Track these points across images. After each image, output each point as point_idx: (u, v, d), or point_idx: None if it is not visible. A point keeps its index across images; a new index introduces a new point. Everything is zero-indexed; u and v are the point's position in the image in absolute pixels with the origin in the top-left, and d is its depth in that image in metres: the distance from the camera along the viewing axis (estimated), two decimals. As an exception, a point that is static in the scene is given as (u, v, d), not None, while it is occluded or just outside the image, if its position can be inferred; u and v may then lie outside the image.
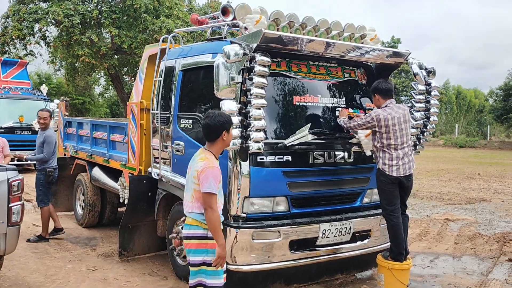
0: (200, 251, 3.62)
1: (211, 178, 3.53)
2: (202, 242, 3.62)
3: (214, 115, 3.65)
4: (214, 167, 3.58)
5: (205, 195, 3.55)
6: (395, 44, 41.84)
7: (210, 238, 3.59)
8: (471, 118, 46.69)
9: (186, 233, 3.73)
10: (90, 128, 7.86)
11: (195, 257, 3.65)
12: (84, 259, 6.35)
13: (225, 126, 3.65)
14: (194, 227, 3.67)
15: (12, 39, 19.05)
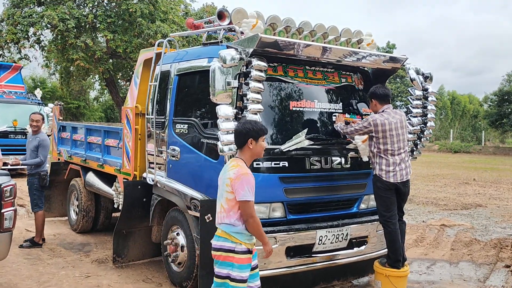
0: (226, 263, 3.54)
1: (246, 185, 3.47)
2: (229, 255, 3.53)
3: (245, 121, 3.68)
4: (248, 174, 3.53)
5: (242, 203, 3.48)
6: (390, 49, 42.06)
7: (238, 252, 3.52)
8: (465, 123, 46.94)
9: (214, 244, 3.63)
10: (85, 132, 7.79)
11: (220, 269, 3.57)
12: (78, 265, 6.27)
13: (251, 134, 3.57)
14: (222, 239, 3.58)
15: (6, 43, 18.96)
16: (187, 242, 5.17)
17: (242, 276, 3.52)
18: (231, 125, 4.22)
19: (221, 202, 3.60)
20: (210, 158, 4.86)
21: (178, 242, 5.32)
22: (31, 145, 7.07)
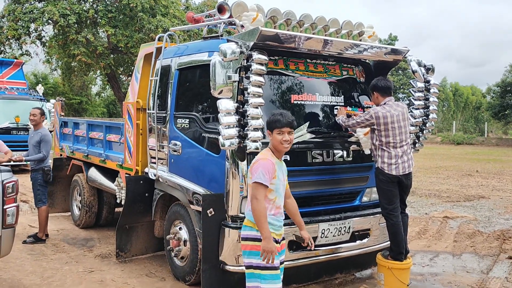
0: (254, 253, 3.50)
1: (260, 169, 3.45)
2: (255, 244, 3.49)
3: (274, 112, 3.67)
4: (267, 159, 3.51)
5: (253, 185, 3.47)
6: (392, 41, 41.88)
7: None
8: (468, 115, 46.76)
9: (242, 234, 3.64)
10: (86, 128, 7.79)
11: (249, 259, 3.53)
12: (81, 260, 6.29)
13: (267, 125, 3.62)
14: (247, 228, 3.58)
15: (7, 39, 18.93)
16: (189, 237, 5.18)
17: (273, 264, 3.44)
18: (232, 119, 4.21)
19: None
20: (211, 152, 4.86)
21: (181, 236, 5.33)
22: (32, 140, 7.08)
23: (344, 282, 5.54)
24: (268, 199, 3.52)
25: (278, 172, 3.56)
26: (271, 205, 3.55)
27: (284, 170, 3.72)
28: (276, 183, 3.53)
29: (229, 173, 4.57)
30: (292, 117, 3.63)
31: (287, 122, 3.55)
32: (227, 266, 4.60)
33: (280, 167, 3.63)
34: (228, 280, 4.75)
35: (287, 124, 3.55)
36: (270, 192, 3.53)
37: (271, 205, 3.56)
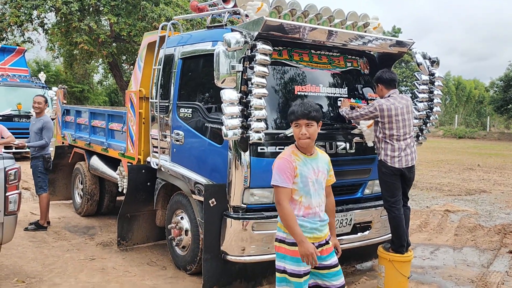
0: (280, 255, 3.32)
1: (275, 170, 3.25)
2: (281, 246, 3.31)
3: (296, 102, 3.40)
4: (282, 158, 3.28)
5: (273, 188, 3.29)
6: (396, 34, 41.68)
7: (288, 243, 3.25)
8: (470, 109, 46.63)
9: (276, 234, 3.44)
10: (89, 116, 7.78)
11: (278, 262, 3.34)
12: (83, 248, 6.31)
13: (288, 117, 3.38)
14: (278, 230, 3.39)
15: (9, 26, 18.83)
16: (191, 226, 5.19)
17: (294, 270, 3.23)
18: (235, 109, 4.19)
19: None
20: (214, 142, 4.85)
21: (182, 226, 5.33)
22: (34, 127, 7.08)
23: (345, 274, 5.47)
24: (293, 199, 3.28)
25: (302, 169, 3.26)
26: (298, 206, 3.28)
27: (319, 166, 3.35)
28: (299, 181, 3.25)
29: (231, 164, 4.56)
30: (312, 106, 3.27)
31: (302, 113, 3.22)
32: (228, 256, 4.61)
33: (309, 163, 3.30)
34: (229, 270, 4.76)
35: (302, 116, 3.22)
36: (294, 192, 3.27)
37: (298, 206, 3.28)
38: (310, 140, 3.27)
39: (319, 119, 3.29)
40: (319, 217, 3.31)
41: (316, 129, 3.27)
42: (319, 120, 3.29)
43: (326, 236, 3.38)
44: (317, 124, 3.28)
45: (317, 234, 3.30)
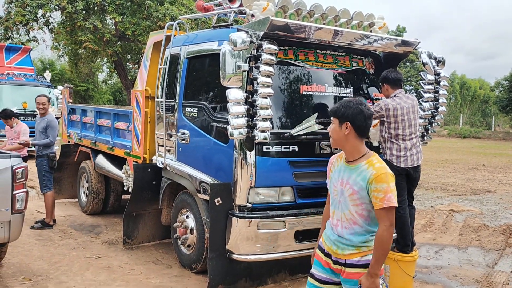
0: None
1: None
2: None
3: None
4: (333, 155, 3.14)
5: None
6: (400, 33, 41.53)
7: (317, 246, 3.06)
8: (475, 108, 46.44)
9: None
10: (94, 115, 7.81)
11: None
12: (88, 246, 6.35)
13: None
14: None
15: (15, 25, 18.92)
16: (196, 225, 5.21)
17: (311, 271, 3.12)
18: (241, 109, 4.21)
19: None
20: (219, 141, 4.86)
21: (188, 225, 5.36)
22: (39, 126, 7.13)
23: (349, 273, 5.55)
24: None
25: (333, 175, 2.98)
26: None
27: (350, 178, 2.84)
28: (329, 185, 3.05)
29: (237, 163, 4.57)
30: (339, 103, 2.92)
31: (330, 111, 2.97)
32: (234, 255, 4.63)
33: (342, 171, 2.91)
34: (234, 268, 4.78)
35: (329, 113, 2.97)
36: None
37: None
38: (333, 140, 2.93)
39: (338, 117, 2.85)
40: (336, 231, 2.93)
41: (336, 128, 2.86)
42: (339, 118, 2.84)
43: (346, 256, 2.89)
44: (339, 123, 2.84)
45: (332, 246, 2.96)
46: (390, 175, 2.74)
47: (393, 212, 2.72)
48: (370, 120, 2.86)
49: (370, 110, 2.87)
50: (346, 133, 2.82)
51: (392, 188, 2.70)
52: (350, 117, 2.80)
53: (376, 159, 2.82)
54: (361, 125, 2.80)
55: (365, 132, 2.86)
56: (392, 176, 2.74)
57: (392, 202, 2.69)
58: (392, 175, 2.75)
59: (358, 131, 2.81)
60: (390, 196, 2.69)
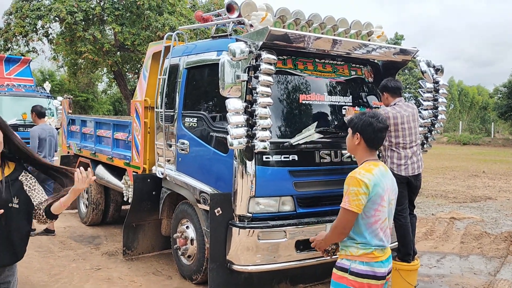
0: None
1: None
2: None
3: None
4: None
5: None
6: (398, 40, 41.74)
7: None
8: (474, 115, 46.51)
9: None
10: (94, 126, 7.81)
11: None
12: (88, 258, 6.32)
13: None
14: None
15: (14, 36, 19.01)
16: (196, 236, 5.19)
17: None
18: (240, 118, 4.21)
19: None
20: (219, 151, 4.86)
21: (188, 235, 5.33)
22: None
23: (351, 283, 5.52)
24: None
25: None
26: None
27: None
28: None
29: (237, 172, 4.57)
30: (353, 115, 3.10)
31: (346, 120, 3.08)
32: (234, 265, 4.60)
33: None
34: (235, 279, 4.75)
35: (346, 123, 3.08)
36: None
37: None
38: (347, 147, 3.08)
39: (351, 127, 2.98)
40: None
41: (349, 137, 2.99)
42: (352, 128, 2.97)
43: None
44: (352, 133, 2.96)
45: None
46: (355, 179, 2.78)
47: (345, 214, 2.81)
48: (380, 133, 2.93)
49: (381, 124, 2.92)
50: (357, 143, 2.94)
51: (350, 191, 2.78)
52: (359, 129, 2.91)
53: (362, 167, 2.89)
54: (370, 137, 2.90)
55: (375, 144, 2.95)
56: (356, 181, 2.77)
57: (343, 203, 2.82)
58: (357, 180, 2.77)
59: (368, 143, 2.92)
60: (345, 198, 2.82)
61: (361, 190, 2.75)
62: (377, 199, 2.80)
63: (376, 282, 2.81)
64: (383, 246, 2.86)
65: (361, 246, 2.82)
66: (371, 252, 2.81)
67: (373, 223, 2.82)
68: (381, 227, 2.86)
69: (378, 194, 2.80)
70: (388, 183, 2.89)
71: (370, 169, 2.83)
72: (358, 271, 2.80)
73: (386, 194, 2.86)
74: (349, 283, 2.81)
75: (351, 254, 2.84)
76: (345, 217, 2.81)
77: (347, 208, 2.78)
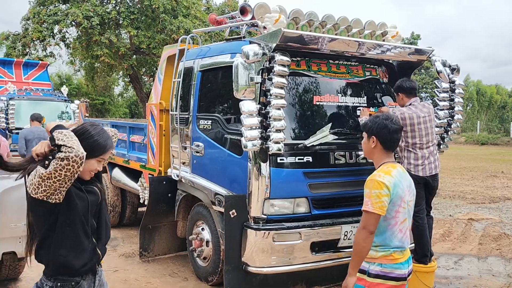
0: None
1: None
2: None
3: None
4: None
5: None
6: (414, 40, 41.33)
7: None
8: (492, 114, 45.85)
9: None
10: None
11: None
12: (105, 259, 6.24)
13: None
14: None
15: (32, 41, 19.30)
16: (212, 237, 5.21)
17: None
18: (254, 120, 4.22)
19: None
20: (234, 153, 4.87)
21: (203, 237, 5.36)
22: None
23: (367, 285, 5.48)
24: None
25: None
26: None
27: None
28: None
29: (251, 174, 4.57)
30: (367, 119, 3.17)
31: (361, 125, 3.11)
32: (250, 267, 4.61)
33: None
34: (250, 281, 4.76)
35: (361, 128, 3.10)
36: None
37: None
38: (363, 152, 3.15)
39: (366, 131, 3.02)
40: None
41: (365, 141, 3.02)
42: (367, 132, 3.00)
43: None
44: (368, 137, 2.99)
45: None
46: (376, 182, 2.78)
47: (368, 217, 2.77)
48: (396, 134, 2.96)
49: (395, 125, 2.94)
50: (373, 146, 2.96)
51: (372, 194, 2.76)
52: (375, 132, 2.94)
53: (380, 169, 2.89)
54: (385, 139, 2.92)
55: (391, 145, 2.97)
56: (377, 183, 2.76)
57: (366, 207, 2.78)
58: (378, 182, 2.76)
59: (384, 145, 2.94)
60: (367, 201, 2.78)
61: (383, 192, 2.75)
62: (397, 200, 2.81)
63: (395, 284, 2.81)
64: (402, 247, 2.86)
65: (380, 249, 2.82)
66: (390, 254, 2.82)
67: (394, 224, 2.83)
68: (400, 229, 2.86)
69: (398, 195, 2.80)
70: (406, 184, 2.90)
71: (389, 171, 2.84)
72: (376, 273, 2.80)
73: (405, 195, 2.86)
74: (368, 284, 2.81)
75: (370, 256, 2.84)
76: (369, 220, 2.78)
77: (371, 211, 2.76)
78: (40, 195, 2.23)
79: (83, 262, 2.46)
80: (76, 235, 2.41)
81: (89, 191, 2.49)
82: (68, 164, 2.15)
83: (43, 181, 2.19)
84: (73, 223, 2.38)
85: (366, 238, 2.79)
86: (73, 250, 2.42)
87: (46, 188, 2.20)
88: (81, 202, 2.40)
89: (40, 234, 2.41)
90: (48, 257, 2.43)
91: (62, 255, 2.40)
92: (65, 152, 2.15)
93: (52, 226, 2.36)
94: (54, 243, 2.39)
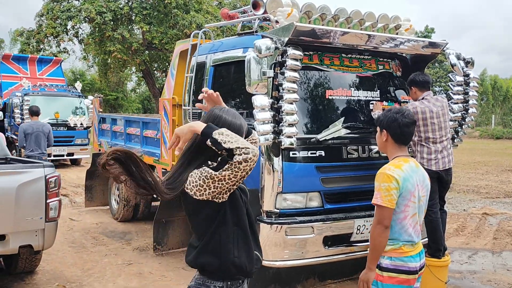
0: None
1: None
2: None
3: None
4: None
5: None
6: (428, 34, 40.90)
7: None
8: (508, 108, 45.22)
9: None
10: (124, 124, 7.96)
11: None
12: (120, 253, 6.45)
13: None
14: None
15: (46, 37, 19.49)
16: (225, 231, 5.22)
17: None
18: (267, 115, 4.22)
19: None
20: (246, 148, 4.87)
21: (216, 231, 5.37)
22: None
23: (380, 279, 5.48)
24: None
25: None
26: None
27: None
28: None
29: (264, 169, 4.58)
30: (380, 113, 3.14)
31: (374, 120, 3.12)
32: (262, 261, 4.61)
33: None
34: (263, 274, 4.78)
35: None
36: None
37: None
38: (377, 145, 3.15)
39: (378, 125, 3.06)
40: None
41: (378, 135, 3.05)
42: (379, 126, 3.04)
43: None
44: (380, 130, 3.03)
45: None
46: (385, 175, 2.81)
47: (381, 212, 2.79)
48: (407, 128, 2.96)
49: (407, 118, 2.94)
50: (384, 140, 2.99)
51: (381, 187, 2.79)
52: (385, 125, 2.97)
53: (391, 163, 2.91)
54: (396, 132, 2.93)
55: (403, 139, 2.98)
56: (387, 177, 2.79)
57: (375, 200, 2.81)
58: (387, 175, 2.79)
59: (395, 138, 2.95)
60: (376, 194, 2.82)
61: (392, 185, 2.77)
62: (407, 194, 2.81)
63: (407, 277, 2.81)
64: (412, 241, 2.86)
65: (389, 242, 2.84)
66: (400, 248, 2.83)
67: (403, 218, 2.83)
68: (410, 223, 2.86)
69: (408, 189, 2.80)
70: (419, 179, 2.89)
71: (400, 165, 2.84)
72: (387, 266, 2.83)
73: (416, 190, 2.85)
74: (379, 278, 2.84)
75: None
76: (383, 215, 2.80)
77: (380, 204, 2.79)
78: (206, 197, 2.14)
79: (254, 262, 2.36)
80: (245, 234, 2.30)
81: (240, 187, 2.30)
82: (246, 165, 2.06)
83: (213, 182, 2.10)
84: (240, 222, 2.28)
85: (382, 233, 2.80)
86: (244, 250, 2.30)
87: (216, 190, 2.12)
88: (241, 199, 2.29)
89: (203, 238, 2.28)
90: (218, 260, 2.27)
91: (237, 257, 2.27)
92: (240, 154, 2.04)
93: (219, 228, 2.24)
94: (223, 245, 2.25)
